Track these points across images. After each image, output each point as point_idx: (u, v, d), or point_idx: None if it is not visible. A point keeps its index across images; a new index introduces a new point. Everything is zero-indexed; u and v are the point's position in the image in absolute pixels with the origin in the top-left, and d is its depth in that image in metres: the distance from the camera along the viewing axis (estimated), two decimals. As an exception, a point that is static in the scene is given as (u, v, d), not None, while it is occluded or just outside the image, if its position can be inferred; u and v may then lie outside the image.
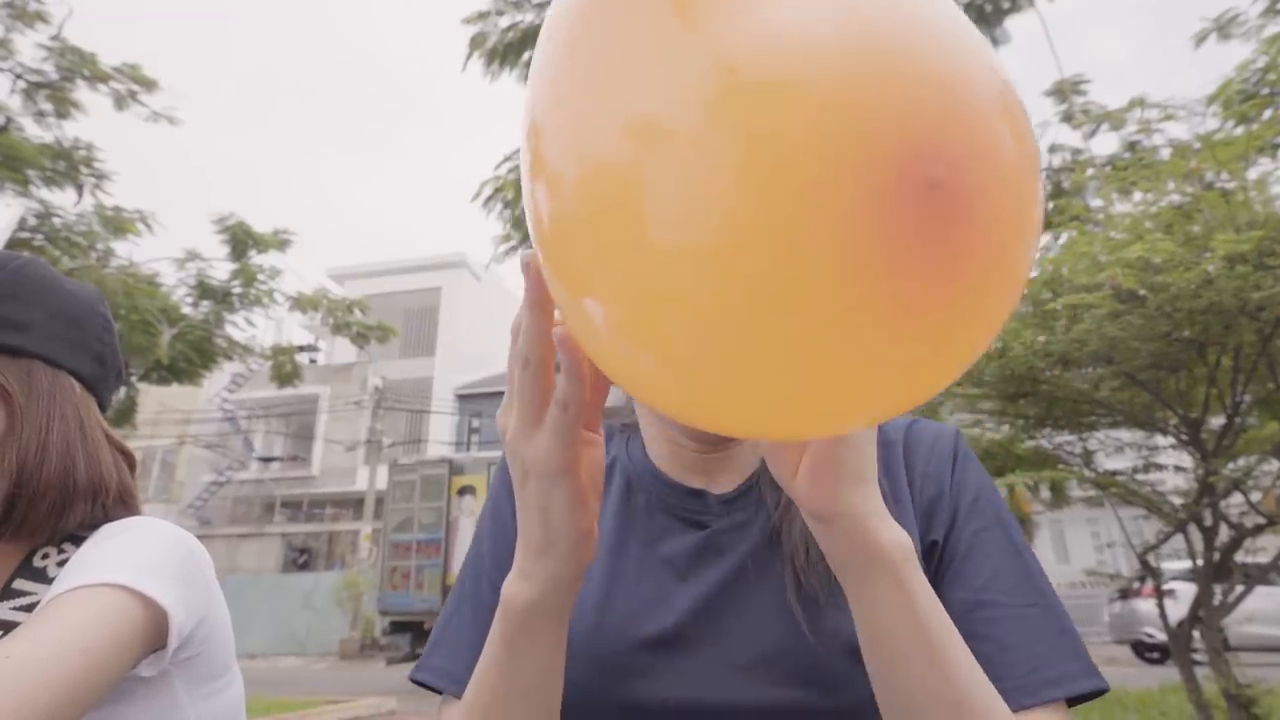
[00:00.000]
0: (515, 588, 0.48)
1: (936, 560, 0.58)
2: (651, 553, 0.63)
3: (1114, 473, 3.80)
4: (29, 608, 0.69)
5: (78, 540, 0.74)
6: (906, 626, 0.44)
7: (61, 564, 0.72)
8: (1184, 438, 3.38)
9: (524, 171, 0.35)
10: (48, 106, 6.86)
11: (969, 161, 0.27)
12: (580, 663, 0.57)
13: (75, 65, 6.73)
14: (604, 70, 0.30)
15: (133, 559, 0.67)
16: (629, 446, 0.71)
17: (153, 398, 14.71)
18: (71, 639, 0.58)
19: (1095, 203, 4.55)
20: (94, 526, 0.75)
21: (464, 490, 10.17)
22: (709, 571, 0.61)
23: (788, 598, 0.58)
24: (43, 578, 0.71)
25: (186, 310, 7.82)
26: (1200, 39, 5.15)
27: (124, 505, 0.79)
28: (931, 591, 0.46)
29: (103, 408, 0.83)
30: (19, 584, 0.71)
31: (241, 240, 8.13)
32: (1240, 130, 3.34)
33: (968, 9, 6.60)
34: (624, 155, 0.28)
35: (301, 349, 13.68)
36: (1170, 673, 4.62)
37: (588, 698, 0.57)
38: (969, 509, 0.59)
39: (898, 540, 0.45)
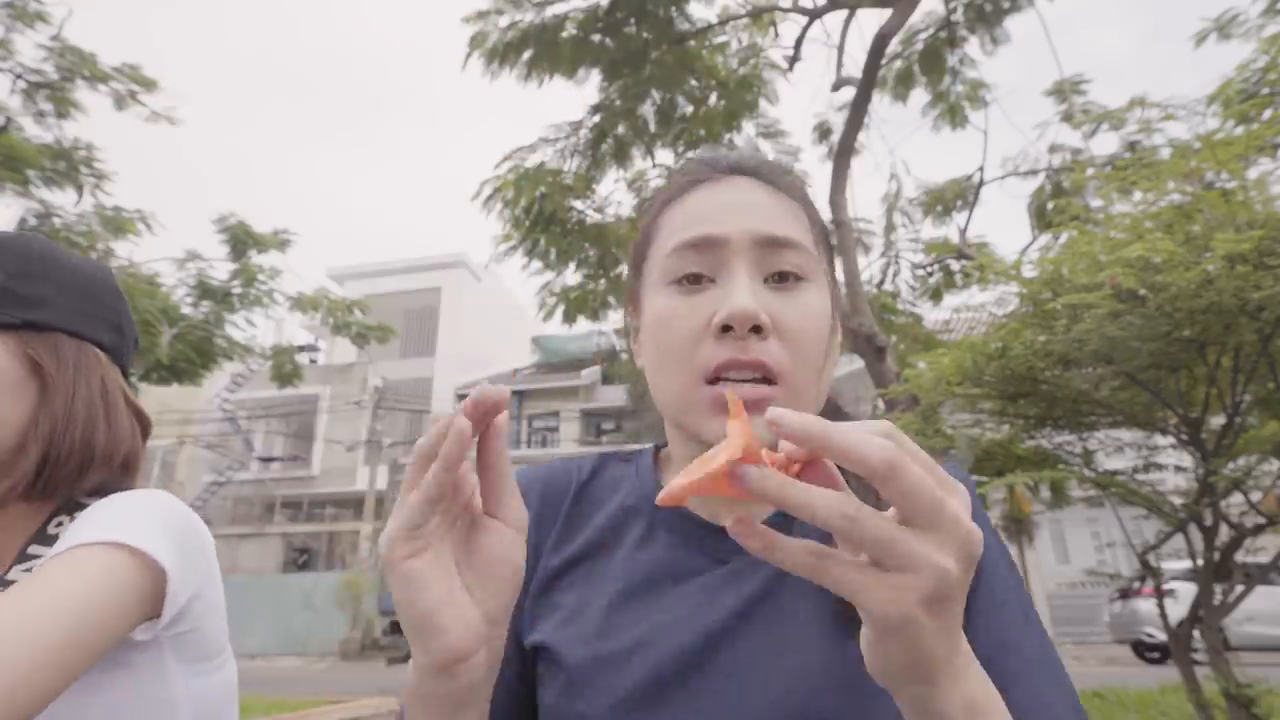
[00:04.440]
0: (407, 674, 0.48)
1: None
2: (671, 589, 0.63)
3: (1114, 473, 3.78)
4: None
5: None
6: None
7: None
8: (1184, 438, 3.37)
9: None
10: (48, 106, 6.85)
11: None
12: (599, 696, 0.58)
13: (75, 65, 6.72)
14: None
15: (131, 520, 0.67)
16: (641, 480, 0.71)
17: (153, 398, 14.70)
18: (68, 595, 0.58)
19: (1095, 203, 4.55)
20: (105, 494, 0.76)
21: (464, 490, 10.13)
22: (726, 603, 0.61)
23: (805, 637, 0.58)
24: (52, 543, 0.72)
25: (186, 310, 7.81)
26: (1200, 39, 5.15)
27: (125, 471, 0.81)
28: None
29: (125, 373, 0.86)
30: (34, 549, 0.72)
31: (241, 240, 8.12)
32: (1240, 130, 3.33)
33: (968, 9, 6.59)
34: None
35: (301, 349, 13.67)
36: (1170, 673, 4.62)
37: None
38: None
39: (965, 698, 0.42)
